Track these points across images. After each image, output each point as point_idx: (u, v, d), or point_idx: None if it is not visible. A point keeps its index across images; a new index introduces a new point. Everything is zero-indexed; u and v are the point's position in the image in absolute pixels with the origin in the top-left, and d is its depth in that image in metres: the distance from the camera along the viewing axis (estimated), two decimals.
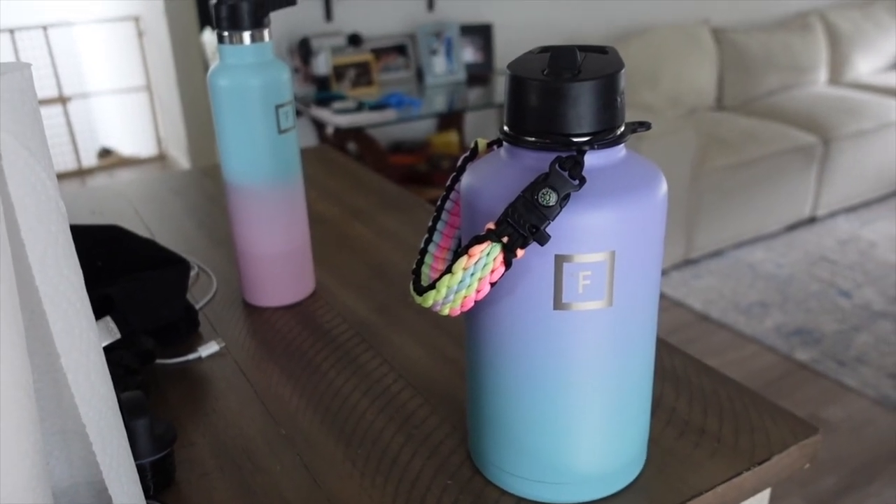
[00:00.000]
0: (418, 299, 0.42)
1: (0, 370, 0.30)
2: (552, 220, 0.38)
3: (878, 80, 3.38)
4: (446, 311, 0.41)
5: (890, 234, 2.88)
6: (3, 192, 0.31)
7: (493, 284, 0.39)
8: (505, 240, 0.38)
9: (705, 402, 0.57)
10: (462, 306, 0.40)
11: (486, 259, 0.39)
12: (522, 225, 0.38)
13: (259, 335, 0.69)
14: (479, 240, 0.39)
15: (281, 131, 0.68)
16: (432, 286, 0.40)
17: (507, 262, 0.39)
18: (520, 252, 0.39)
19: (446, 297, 0.40)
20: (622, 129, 0.41)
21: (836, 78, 3.44)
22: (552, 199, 0.38)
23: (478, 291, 0.39)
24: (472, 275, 0.39)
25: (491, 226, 0.39)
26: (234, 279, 0.80)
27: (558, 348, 0.42)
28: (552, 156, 0.39)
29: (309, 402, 0.59)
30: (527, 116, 0.40)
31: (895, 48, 3.57)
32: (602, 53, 0.42)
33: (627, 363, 0.44)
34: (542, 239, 0.38)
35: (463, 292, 0.39)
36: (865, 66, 3.48)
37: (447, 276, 0.39)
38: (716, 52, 3.10)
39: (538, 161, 0.40)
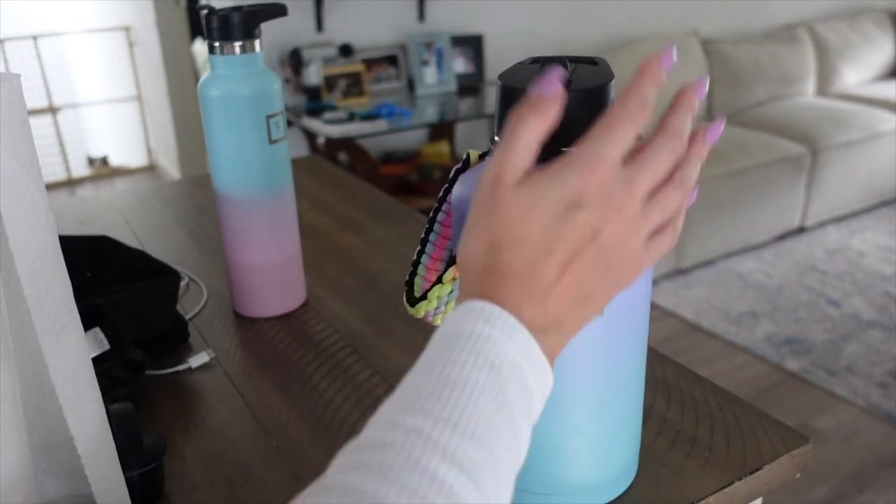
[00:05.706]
0: (410, 310, 0.41)
1: None
2: None
3: (865, 91, 3.41)
4: (438, 322, 0.41)
5: (878, 243, 2.90)
6: None
7: None
8: None
9: (697, 412, 0.57)
10: None
11: None
12: None
13: (249, 346, 0.69)
14: None
15: (272, 141, 0.67)
16: (424, 297, 0.40)
17: None
18: None
19: (438, 307, 0.40)
20: None
21: (824, 89, 3.47)
22: None
23: None
24: None
25: None
26: (225, 290, 0.79)
27: None
28: None
29: (300, 414, 0.59)
30: None
31: (882, 59, 3.61)
32: (592, 64, 0.42)
33: (619, 373, 0.44)
34: None
35: (454, 303, 0.39)
36: (853, 77, 3.51)
37: (438, 287, 0.39)
38: (705, 63, 3.12)
39: None
